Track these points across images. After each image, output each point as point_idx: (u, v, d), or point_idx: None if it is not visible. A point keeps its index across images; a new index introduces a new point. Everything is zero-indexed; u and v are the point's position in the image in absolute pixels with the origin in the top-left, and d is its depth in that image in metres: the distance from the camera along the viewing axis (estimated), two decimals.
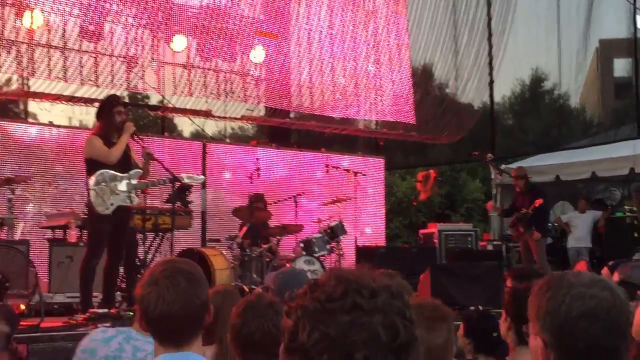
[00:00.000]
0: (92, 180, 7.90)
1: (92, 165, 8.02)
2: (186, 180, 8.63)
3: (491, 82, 16.35)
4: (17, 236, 9.94)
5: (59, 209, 11.20)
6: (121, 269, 9.21)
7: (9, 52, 11.40)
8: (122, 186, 8.03)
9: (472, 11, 15.92)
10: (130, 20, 12.53)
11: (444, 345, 3.10)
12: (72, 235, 9.85)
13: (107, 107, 8.19)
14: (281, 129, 15.43)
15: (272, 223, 12.01)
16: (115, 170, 8.02)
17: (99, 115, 8.28)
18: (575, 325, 2.04)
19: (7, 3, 11.41)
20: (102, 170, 7.95)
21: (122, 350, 3.53)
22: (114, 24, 12.35)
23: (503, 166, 15.54)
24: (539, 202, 12.16)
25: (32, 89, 11.88)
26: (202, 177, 9.59)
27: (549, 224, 14.26)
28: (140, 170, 8.23)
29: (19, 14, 11.43)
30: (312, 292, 1.62)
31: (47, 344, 6.94)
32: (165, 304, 2.70)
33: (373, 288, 1.61)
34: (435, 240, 13.69)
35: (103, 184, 7.93)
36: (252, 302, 3.29)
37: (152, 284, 2.75)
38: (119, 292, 9.14)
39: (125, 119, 8.20)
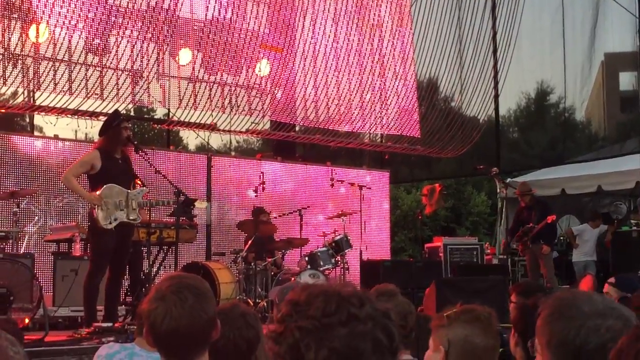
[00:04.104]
0: (98, 193, 7.90)
1: (94, 180, 8.04)
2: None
3: (496, 96, 16.33)
4: (22, 249, 9.93)
5: (63, 222, 11.21)
6: (126, 283, 9.22)
7: (15, 66, 11.43)
8: (126, 202, 8.03)
9: (477, 25, 15.93)
10: (135, 33, 12.55)
11: (495, 349, 3.16)
12: (77, 248, 9.84)
13: (115, 123, 8.17)
14: (286, 143, 15.44)
15: (277, 236, 12.00)
16: (119, 186, 8.04)
17: (104, 130, 8.24)
18: (590, 358, 2.01)
19: (13, 17, 11.44)
20: (109, 185, 7.95)
21: None
22: (119, 37, 12.38)
23: (508, 180, 15.51)
24: (551, 218, 12.19)
25: (37, 103, 11.90)
26: (205, 202, 9.62)
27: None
28: (145, 189, 8.25)
29: (24, 28, 11.47)
30: (301, 311, 1.63)
31: (51, 358, 6.91)
32: (173, 320, 2.67)
33: (359, 297, 1.66)
34: (441, 254, 13.65)
35: (109, 198, 7.93)
36: (226, 309, 3.27)
37: (159, 299, 2.72)
38: (123, 306, 9.13)
39: (129, 134, 8.23)
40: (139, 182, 8.32)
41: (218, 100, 13.52)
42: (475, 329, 3.08)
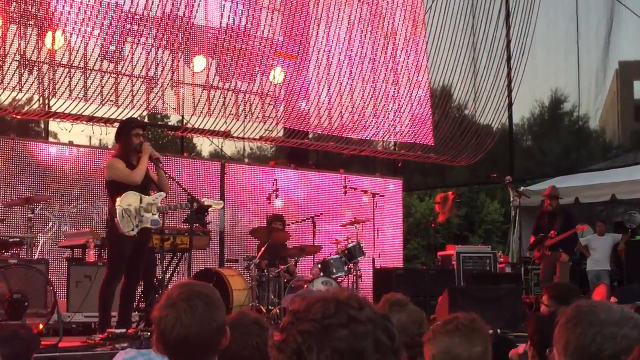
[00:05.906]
0: (119, 200, 7.93)
1: (114, 187, 8.06)
2: (207, 203, 8.69)
3: (510, 104, 16.31)
4: (36, 255, 9.98)
5: (78, 228, 11.26)
6: (139, 289, 9.25)
7: (30, 72, 11.49)
8: (147, 208, 8.07)
9: (491, 33, 15.92)
10: (150, 40, 12.61)
11: (482, 356, 3.11)
12: (91, 254, 9.88)
13: (125, 130, 8.25)
14: (300, 150, 15.46)
15: (290, 244, 12.01)
16: (138, 192, 8.07)
17: (117, 137, 8.35)
18: None
19: (29, 24, 11.52)
20: (129, 192, 7.99)
21: None
22: (134, 44, 12.44)
23: (522, 188, 15.48)
24: (581, 227, 12.15)
25: (52, 109, 11.97)
26: (222, 202, 9.65)
27: None
28: (164, 193, 8.28)
29: (41, 35, 11.54)
30: (302, 317, 1.67)
31: None
32: (183, 327, 2.70)
33: (358, 300, 1.70)
34: (454, 262, 13.63)
35: (130, 205, 7.96)
36: (237, 320, 3.29)
37: (170, 306, 2.75)
38: (136, 312, 9.16)
39: (142, 140, 8.27)
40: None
41: (232, 107, 13.55)
42: (455, 338, 3.02)
